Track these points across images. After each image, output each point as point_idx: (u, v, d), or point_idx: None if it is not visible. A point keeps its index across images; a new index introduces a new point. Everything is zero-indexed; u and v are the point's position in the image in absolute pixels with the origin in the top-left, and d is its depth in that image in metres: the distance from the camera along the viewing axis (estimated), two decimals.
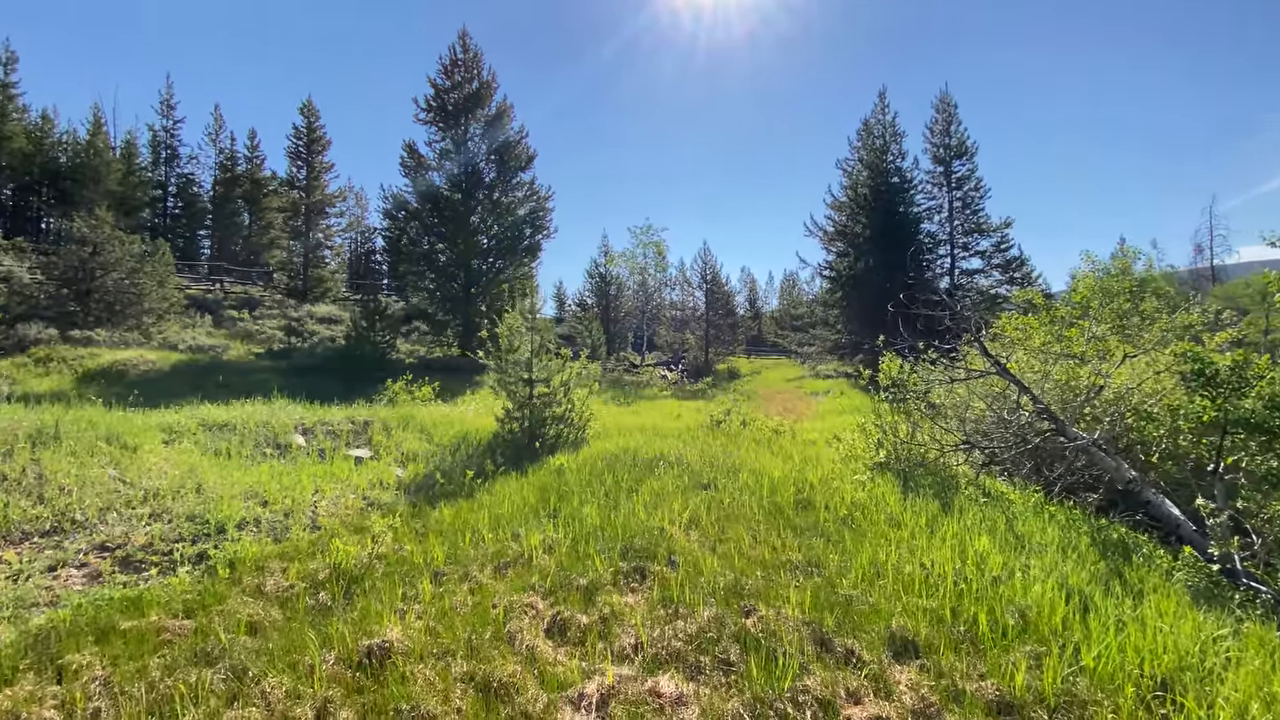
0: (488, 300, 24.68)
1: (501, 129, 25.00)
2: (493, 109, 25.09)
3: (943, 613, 3.43)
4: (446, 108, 24.72)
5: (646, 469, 6.76)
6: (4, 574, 3.84)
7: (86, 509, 4.86)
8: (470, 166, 24.84)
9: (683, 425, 11.54)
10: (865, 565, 4.07)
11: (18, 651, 2.91)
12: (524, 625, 3.13)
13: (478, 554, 4.32)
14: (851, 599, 3.56)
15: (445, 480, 6.69)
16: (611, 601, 3.43)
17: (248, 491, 5.68)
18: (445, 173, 25.08)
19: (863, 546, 4.41)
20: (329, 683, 2.63)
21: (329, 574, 3.97)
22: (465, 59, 24.92)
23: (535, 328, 9.75)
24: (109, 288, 19.25)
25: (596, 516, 4.94)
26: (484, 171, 25.17)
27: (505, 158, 25.05)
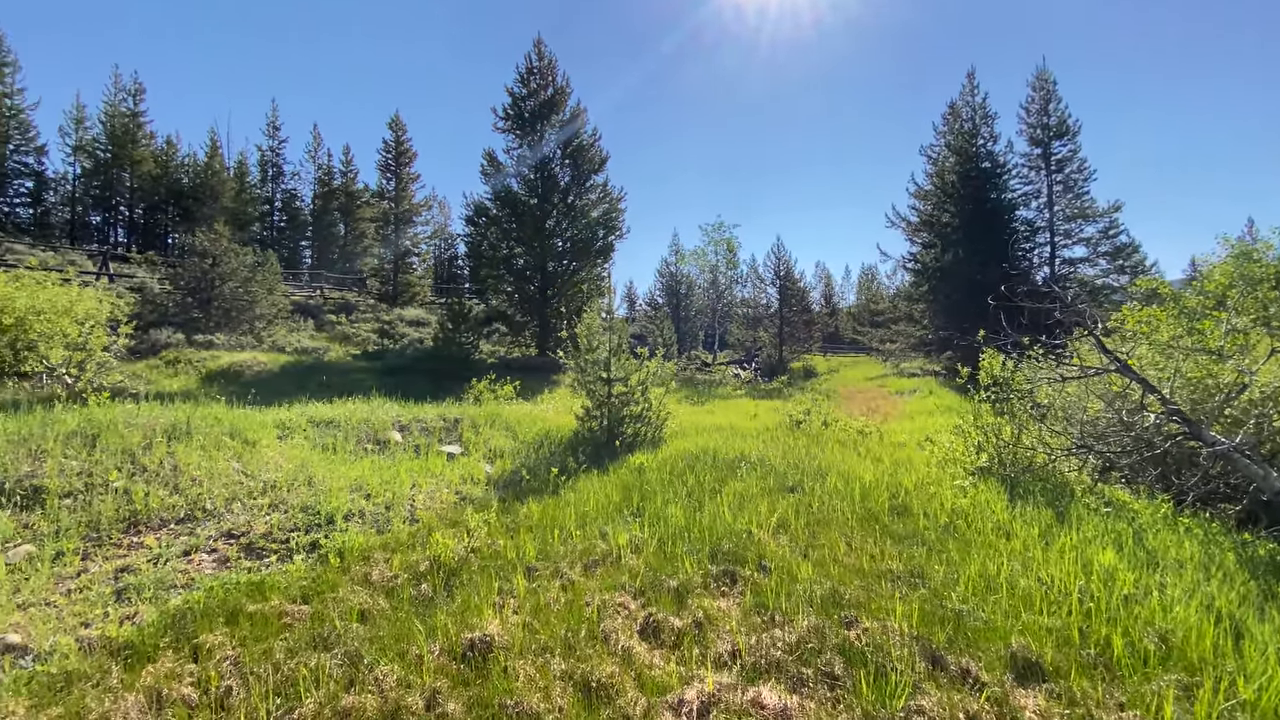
0: (563, 301, 25.22)
1: (575, 133, 25.47)
2: (567, 114, 25.59)
3: (1069, 633, 3.15)
4: (523, 115, 25.44)
5: (728, 470, 6.65)
6: (146, 557, 4.26)
7: (215, 499, 5.33)
8: (546, 171, 25.45)
9: (761, 425, 11.31)
10: (974, 577, 3.81)
11: (159, 630, 3.20)
12: (617, 625, 3.14)
13: (567, 551, 4.38)
14: (962, 614, 3.34)
15: (531, 476, 6.85)
16: (703, 605, 3.38)
17: (352, 485, 6.04)
18: (522, 178, 25.85)
19: (970, 557, 4.13)
20: (436, 673, 2.73)
21: (429, 566, 4.15)
22: (540, 66, 25.55)
23: (612, 327, 9.84)
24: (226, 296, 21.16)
25: (681, 517, 4.90)
26: (559, 176, 25.73)
27: (579, 161, 25.50)
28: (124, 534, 4.65)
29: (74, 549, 4.26)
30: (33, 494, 4.83)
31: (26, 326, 10.28)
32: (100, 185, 36.60)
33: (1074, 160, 26.59)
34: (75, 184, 36.49)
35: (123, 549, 4.43)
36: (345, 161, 45.58)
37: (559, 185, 25.56)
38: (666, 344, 32.12)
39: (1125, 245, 25.44)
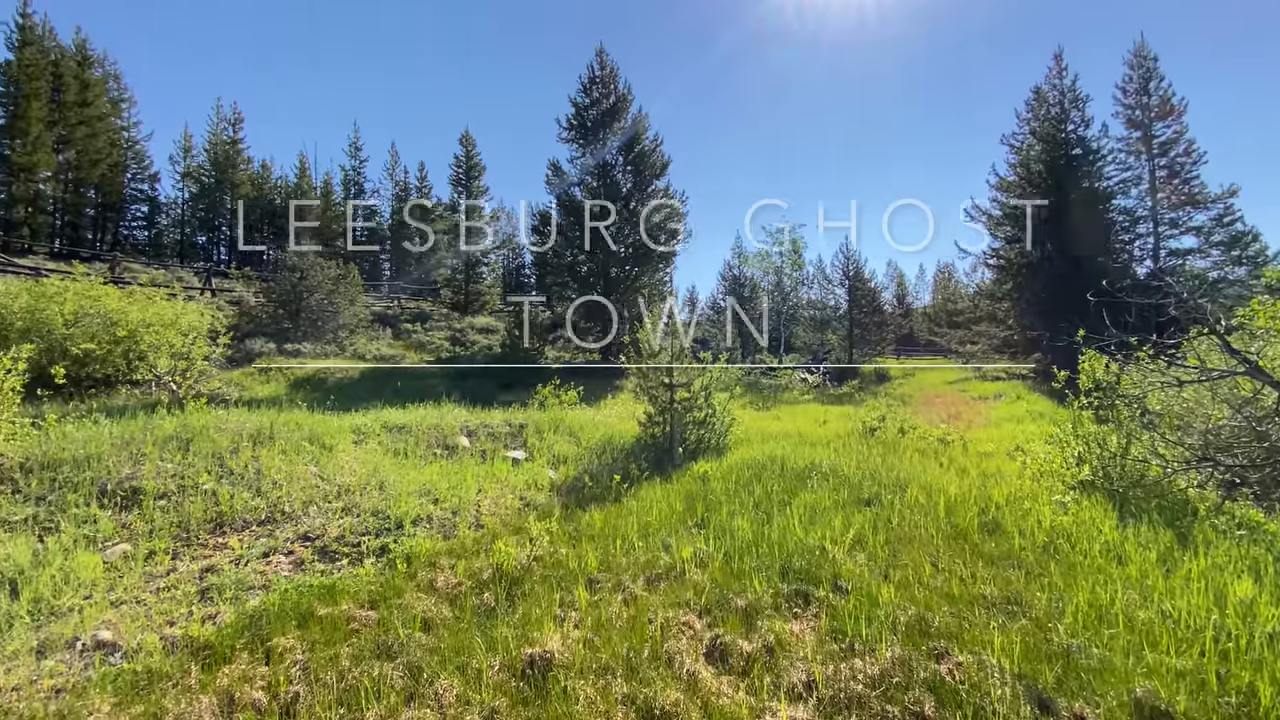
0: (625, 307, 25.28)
1: (637, 140, 25.57)
2: (628, 120, 25.74)
3: (1204, 677, 2.72)
4: (586, 124, 25.79)
5: (798, 480, 6.33)
6: (229, 558, 4.45)
7: (293, 502, 5.54)
8: (608, 178, 25.67)
9: (831, 432, 10.82)
10: (1084, 607, 3.39)
11: (236, 631, 3.29)
12: (682, 646, 2.96)
13: (629, 563, 4.25)
14: (1072, 649, 2.96)
15: (593, 483, 6.78)
16: (775, 628, 3.14)
17: (421, 489, 6.15)
18: (585, 186, 26.19)
19: (1076, 583, 3.69)
20: (495, 691, 2.64)
21: (492, 574, 4.11)
22: (603, 75, 25.83)
23: (674, 332, 9.67)
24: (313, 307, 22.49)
25: (749, 531, 4.66)
26: (621, 182, 25.88)
27: (640, 167, 25.58)
28: (210, 534, 4.89)
29: (165, 549, 4.51)
30: (131, 495, 5.17)
31: (138, 338, 11.23)
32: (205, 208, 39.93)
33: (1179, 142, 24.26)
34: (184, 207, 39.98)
35: (209, 549, 4.65)
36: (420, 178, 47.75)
37: (621, 192, 25.70)
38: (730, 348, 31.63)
39: (1243, 234, 22.91)
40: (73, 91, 32.12)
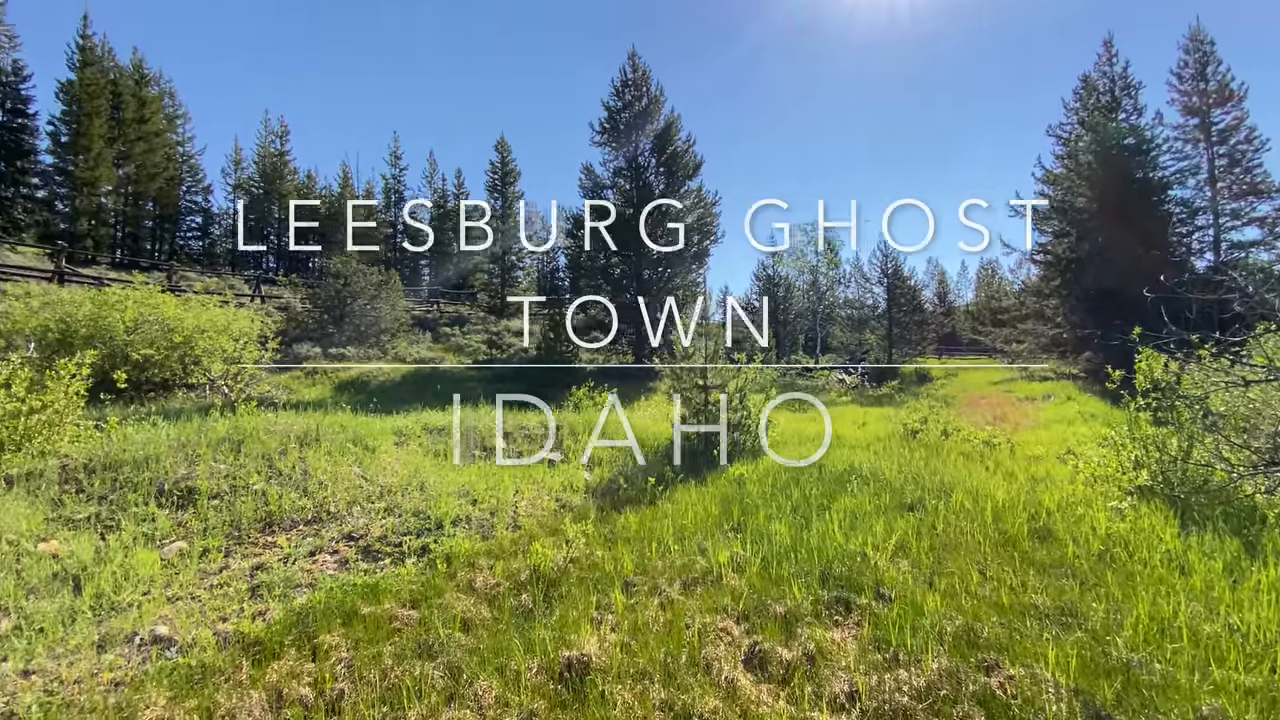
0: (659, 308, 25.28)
1: (670, 140, 25.57)
2: (661, 122, 25.76)
3: (1276, 695, 2.55)
4: (619, 127, 25.90)
5: (837, 484, 6.20)
6: (277, 556, 4.59)
7: (338, 502, 5.69)
8: (640, 180, 25.74)
9: (871, 435, 10.58)
10: (1144, 619, 3.22)
11: (284, 628, 3.39)
12: (720, 653, 2.92)
13: (665, 566, 4.22)
14: (1132, 664, 2.81)
15: (628, 485, 6.77)
16: (815, 636, 3.08)
17: (460, 490, 6.25)
18: (618, 189, 26.32)
19: (1135, 594, 3.51)
20: (534, 693, 2.65)
21: (529, 575, 4.14)
22: (635, 78, 25.92)
23: (708, 333, 9.61)
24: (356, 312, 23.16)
25: (787, 535, 4.58)
26: (653, 184, 25.92)
27: (673, 168, 25.57)
28: (260, 533, 5.06)
29: (218, 546, 4.68)
30: (187, 495, 5.39)
31: (193, 344, 11.74)
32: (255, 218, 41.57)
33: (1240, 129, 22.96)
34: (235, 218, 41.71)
35: (259, 547, 4.82)
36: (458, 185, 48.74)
37: (653, 193, 25.73)
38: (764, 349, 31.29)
39: None
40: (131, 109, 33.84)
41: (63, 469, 5.61)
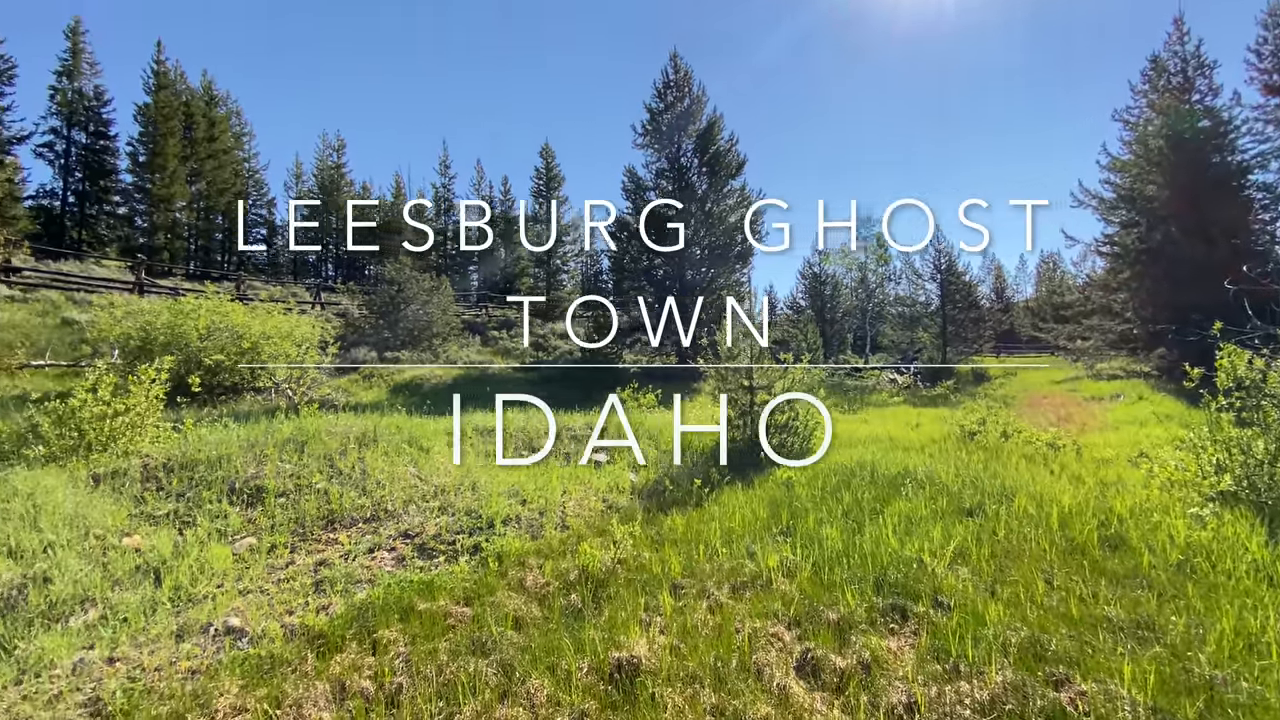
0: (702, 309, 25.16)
1: (712, 140, 25.45)
2: (704, 122, 25.66)
3: None
4: (661, 129, 25.94)
5: (890, 487, 6.03)
6: (339, 552, 4.78)
7: (394, 501, 5.89)
8: (683, 181, 25.70)
9: (925, 436, 10.24)
10: (1229, 635, 3.00)
11: (346, 622, 3.53)
12: (771, 659, 2.88)
13: (713, 569, 4.19)
14: (1215, 682, 2.62)
15: (674, 487, 6.76)
16: (870, 644, 2.99)
17: (510, 490, 6.37)
18: (660, 190, 26.35)
19: (1219, 607, 3.28)
20: (585, 693, 2.67)
21: (578, 575, 4.18)
22: (677, 79, 25.90)
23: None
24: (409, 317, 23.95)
25: (839, 540, 4.47)
26: (696, 184, 25.85)
27: (715, 167, 25.43)
28: (323, 530, 5.28)
29: (284, 543, 4.91)
30: (256, 493, 5.68)
31: (259, 349, 12.38)
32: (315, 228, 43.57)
33: None
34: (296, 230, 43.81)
35: (321, 544, 5.03)
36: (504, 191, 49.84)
37: (696, 194, 25.65)
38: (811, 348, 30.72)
39: None
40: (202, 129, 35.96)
41: (144, 468, 6.00)
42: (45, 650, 3.43)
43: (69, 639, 3.57)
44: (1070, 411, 15.56)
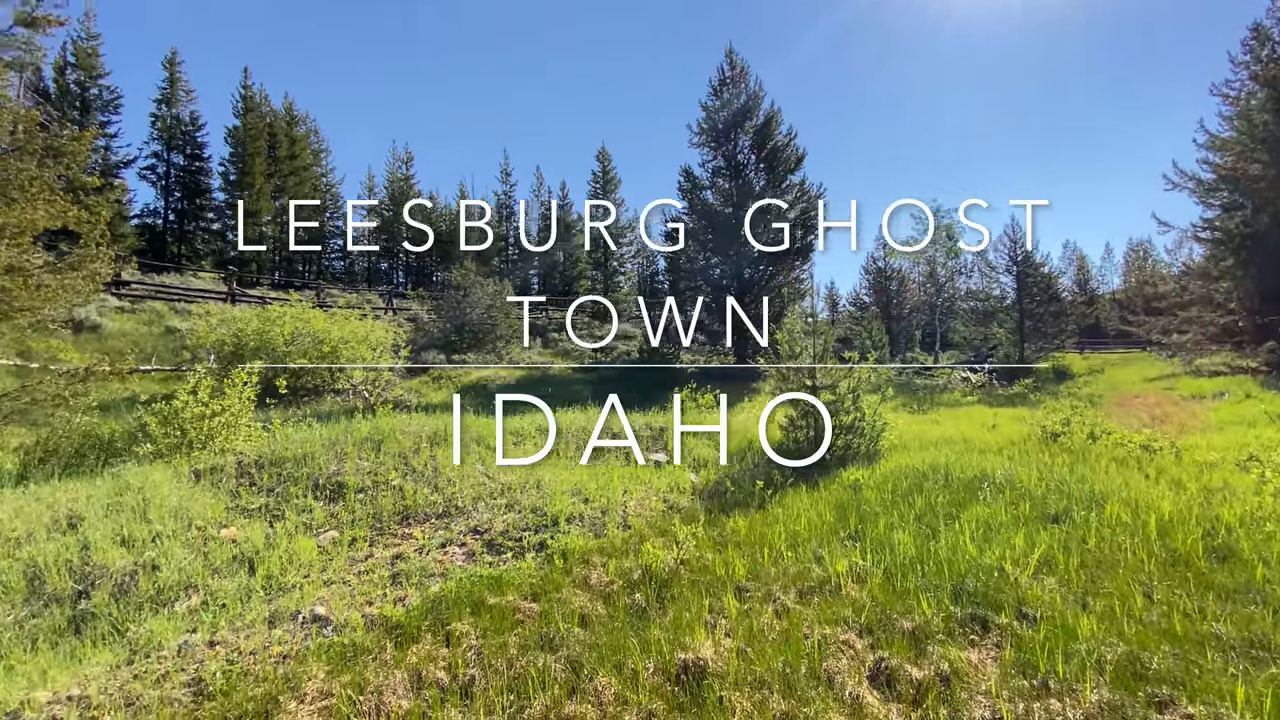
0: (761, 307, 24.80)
1: (770, 135, 25.02)
2: (761, 118, 25.26)
3: None
4: (717, 127, 25.71)
5: (966, 491, 5.74)
6: (413, 547, 5.00)
7: (464, 498, 6.10)
8: (740, 178, 25.39)
9: (1002, 438, 9.70)
10: None
11: (421, 614, 3.67)
12: (842, 666, 2.80)
13: (778, 573, 4.11)
14: None
15: (735, 488, 6.69)
16: (948, 655, 2.86)
17: (572, 489, 6.48)
18: (717, 189, 26.14)
19: None
20: (651, 693, 2.68)
21: (641, 575, 4.20)
22: (733, 75, 25.61)
23: (816, 330, 9.27)
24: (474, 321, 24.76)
25: (911, 546, 4.30)
26: (753, 181, 25.48)
27: (773, 163, 24.99)
28: (398, 525, 5.54)
29: (363, 536, 5.18)
30: (337, 489, 6.01)
31: (338, 353, 13.10)
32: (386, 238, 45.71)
33: None
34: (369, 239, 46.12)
35: (397, 538, 5.27)
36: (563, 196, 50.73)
37: (753, 190, 25.28)
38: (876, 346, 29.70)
39: None
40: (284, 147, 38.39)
41: (238, 464, 6.45)
42: (153, 632, 3.75)
43: (174, 623, 3.89)
44: (1167, 411, 14.35)
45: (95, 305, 17.99)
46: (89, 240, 8.40)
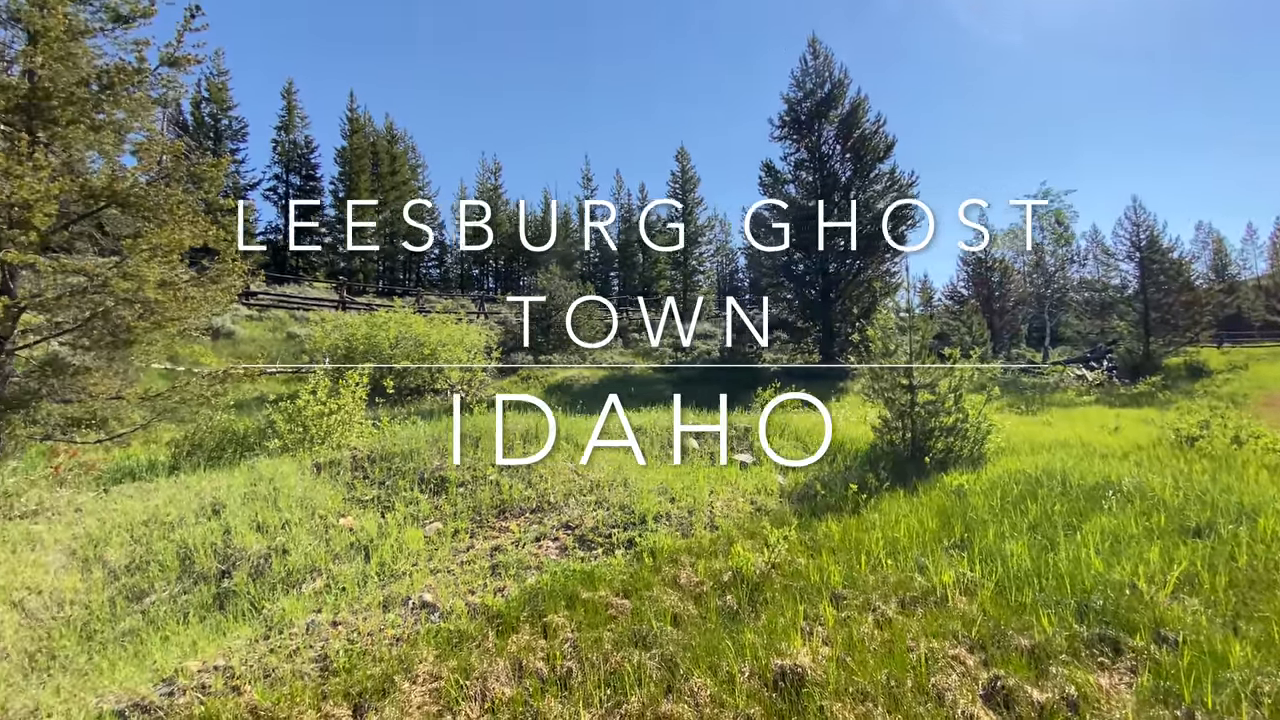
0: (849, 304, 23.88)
1: (856, 123, 24.04)
2: (846, 106, 24.33)
3: None
4: (799, 119, 25.03)
5: (1088, 500, 5.27)
6: (510, 539, 5.21)
7: (555, 494, 6.30)
8: (825, 170, 24.57)
9: (1127, 442, 8.82)
10: None
11: (519, 605, 3.83)
12: (952, 683, 2.65)
13: (877, 581, 3.95)
14: None
15: (826, 491, 6.49)
16: (1074, 678, 2.64)
17: (659, 488, 6.52)
18: (800, 182, 25.44)
19: None
20: (749, 698, 2.66)
21: (731, 577, 4.16)
22: (815, 65, 24.83)
23: (913, 327, 8.81)
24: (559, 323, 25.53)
25: (1026, 557, 4.00)
26: (839, 172, 24.59)
27: (860, 152, 23.96)
28: (496, 519, 5.80)
29: (465, 528, 5.46)
30: (440, 483, 6.38)
31: (437, 355, 13.91)
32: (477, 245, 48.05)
33: None
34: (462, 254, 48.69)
35: (495, 531, 5.52)
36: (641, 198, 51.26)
37: (839, 182, 24.40)
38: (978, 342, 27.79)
39: None
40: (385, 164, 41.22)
41: (353, 458, 7.00)
42: (285, 611, 4.13)
43: (302, 603, 4.27)
44: None
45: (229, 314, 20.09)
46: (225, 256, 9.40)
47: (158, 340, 9.42)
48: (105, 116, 8.52)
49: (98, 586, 4.58)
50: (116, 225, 8.81)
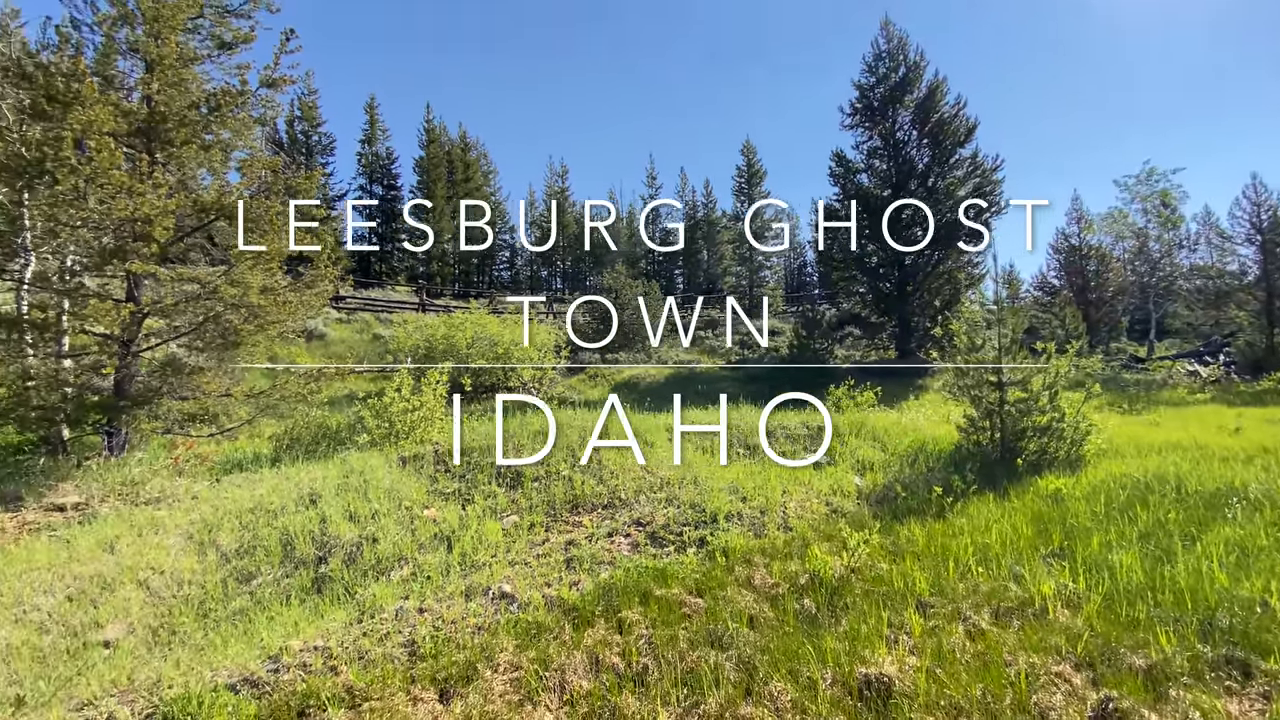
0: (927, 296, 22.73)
1: (934, 108, 22.82)
2: (923, 90, 23.15)
3: None
4: (872, 105, 24.05)
5: (1208, 507, 4.78)
6: (584, 534, 5.30)
7: (626, 490, 6.36)
8: (900, 157, 23.50)
9: (1251, 444, 7.95)
10: None
11: (593, 599, 3.88)
12: (1057, 701, 2.47)
13: (967, 589, 3.74)
14: None
15: (907, 494, 6.22)
16: (1198, 702, 2.40)
17: (729, 487, 6.45)
18: (873, 171, 24.46)
19: None
20: (832, 706, 2.58)
21: (808, 580, 4.06)
22: (889, 48, 23.79)
23: (1001, 320, 8.28)
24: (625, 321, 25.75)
25: (1138, 569, 3.67)
26: (915, 159, 23.43)
27: (939, 136, 22.72)
28: (569, 514, 5.92)
29: (540, 522, 5.61)
30: (516, 478, 6.58)
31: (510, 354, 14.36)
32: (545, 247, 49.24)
33: None
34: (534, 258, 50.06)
35: (569, 525, 5.63)
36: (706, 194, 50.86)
37: (916, 169, 23.26)
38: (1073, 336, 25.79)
39: None
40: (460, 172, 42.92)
41: (435, 453, 7.32)
42: (376, 597, 4.37)
43: (391, 589, 4.51)
44: None
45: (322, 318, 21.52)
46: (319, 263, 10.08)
47: (260, 342, 10.19)
48: (213, 136, 9.30)
49: (212, 568, 5.02)
50: (225, 236, 9.59)
